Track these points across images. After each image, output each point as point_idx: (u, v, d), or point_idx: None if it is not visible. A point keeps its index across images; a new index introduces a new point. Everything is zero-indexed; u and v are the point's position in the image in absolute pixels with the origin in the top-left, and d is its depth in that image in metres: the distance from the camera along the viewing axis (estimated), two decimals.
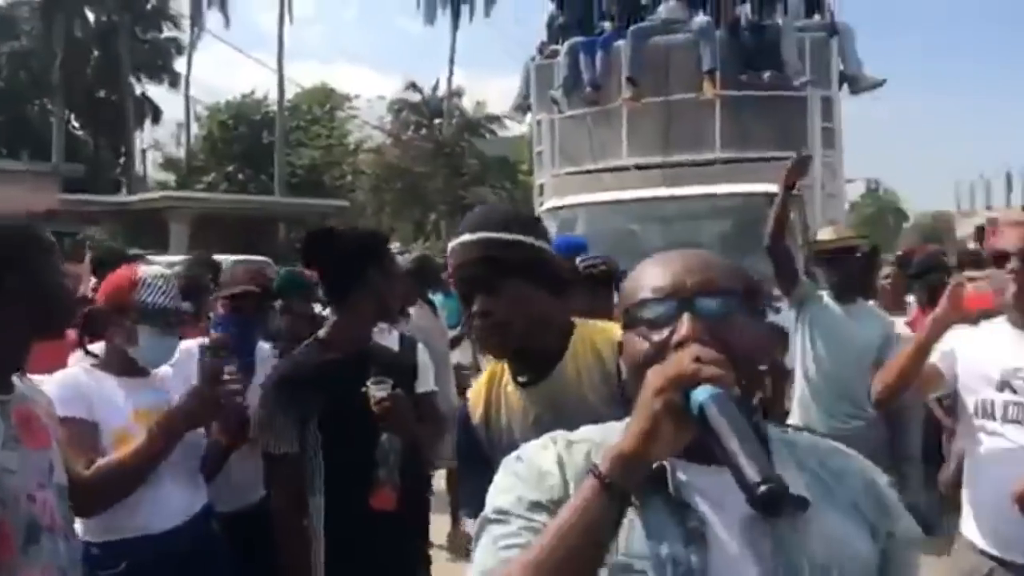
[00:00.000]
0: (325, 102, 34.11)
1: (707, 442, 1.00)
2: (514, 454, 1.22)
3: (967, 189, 32.56)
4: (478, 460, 1.83)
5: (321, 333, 2.55)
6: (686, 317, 1.12)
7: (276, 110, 29.82)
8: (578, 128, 7.84)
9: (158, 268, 2.58)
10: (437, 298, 5.73)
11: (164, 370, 2.54)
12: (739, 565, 1.07)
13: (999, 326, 2.48)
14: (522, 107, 8.49)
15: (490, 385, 1.87)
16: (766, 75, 7.50)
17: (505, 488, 1.17)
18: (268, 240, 21.69)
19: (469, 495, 1.88)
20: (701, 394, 1.00)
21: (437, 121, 35.65)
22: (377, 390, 2.29)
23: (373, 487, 2.33)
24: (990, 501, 2.40)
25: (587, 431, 1.23)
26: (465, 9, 36.38)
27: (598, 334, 1.77)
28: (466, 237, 1.77)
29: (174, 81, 35.24)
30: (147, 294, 2.43)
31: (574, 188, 7.46)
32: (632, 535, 1.07)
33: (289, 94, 31.85)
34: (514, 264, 1.73)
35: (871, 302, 4.45)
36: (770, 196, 4.71)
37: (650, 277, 1.19)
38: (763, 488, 0.94)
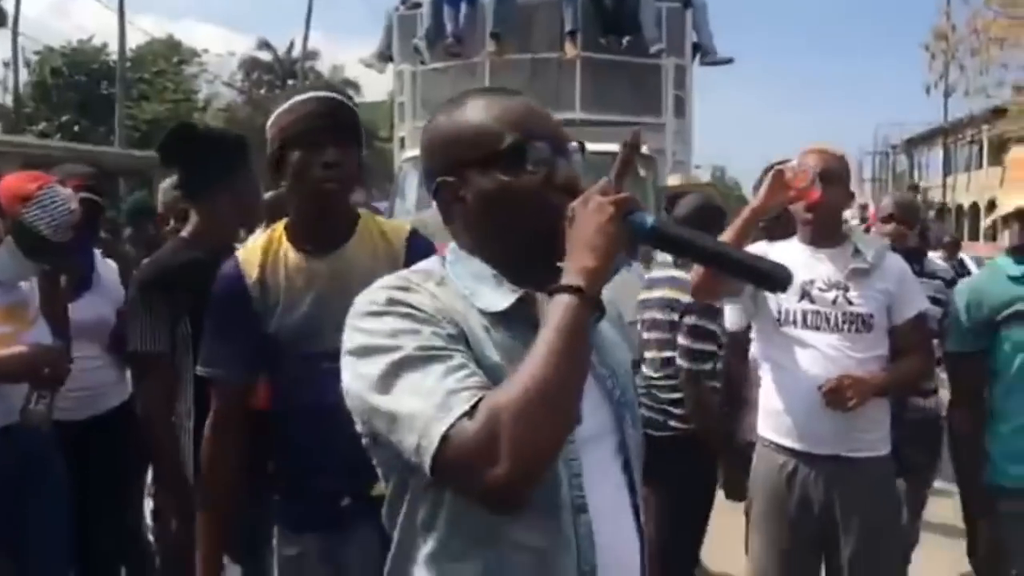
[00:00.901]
0: (172, 55, 32.41)
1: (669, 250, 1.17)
2: (383, 302, 1.19)
3: None
4: (241, 319, 1.89)
5: (184, 232, 2.47)
6: (562, 159, 1.23)
7: (117, 59, 28.06)
8: (440, 80, 7.82)
9: (68, 194, 2.42)
10: None
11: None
12: None
13: (793, 244, 2.74)
14: (384, 56, 8.38)
15: (267, 249, 1.93)
16: (625, 40, 7.73)
17: (408, 329, 1.15)
18: (107, 194, 20.46)
19: (215, 353, 1.95)
20: (648, 218, 1.16)
21: (291, 82, 34.59)
22: None
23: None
24: (792, 399, 2.62)
25: (406, 274, 1.27)
26: None
27: (383, 223, 2.02)
28: (325, 93, 1.88)
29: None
30: (34, 215, 2.31)
31: None
32: (504, 349, 1.18)
33: (132, 44, 30.05)
34: (359, 137, 1.89)
35: None
36: None
37: (507, 123, 1.23)
38: (784, 273, 1.14)
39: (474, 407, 1.06)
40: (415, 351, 1.12)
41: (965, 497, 2.70)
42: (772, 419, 2.70)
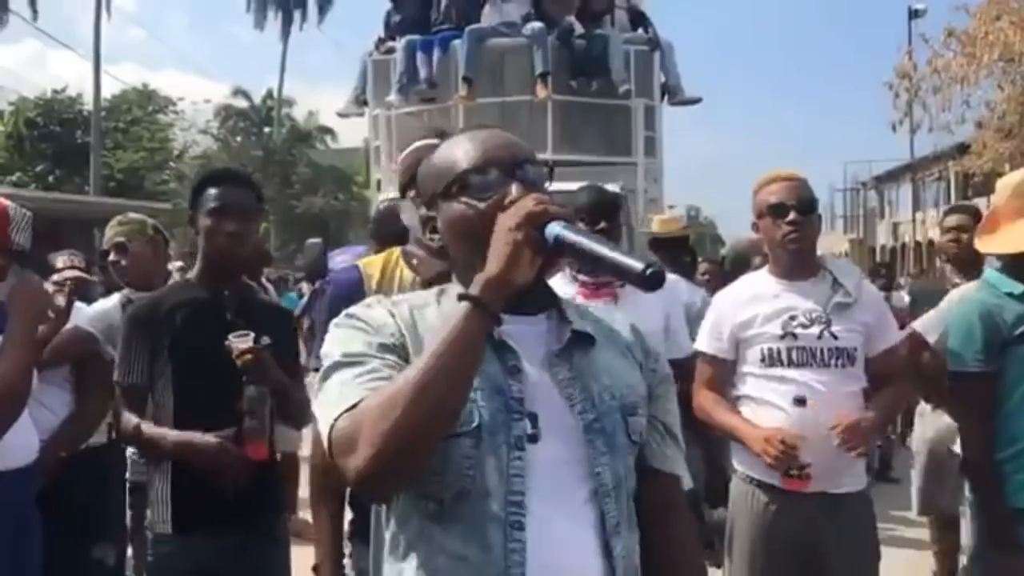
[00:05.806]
0: (146, 104, 32.44)
1: (573, 260, 1.21)
2: (342, 315, 1.33)
3: None
4: None
5: (191, 273, 2.58)
6: (515, 183, 1.28)
7: (92, 109, 28.04)
8: (414, 123, 7.93)
9: (12, 203, 2.49)
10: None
11: None
12: (547, 389, 1.28)
13: (765, 278, 2.69)
14: (359, 101, 8.50)
15: (386, 263, 2.08)
16: (594, 83, 7.90)
17: (348, 338, 1.27)
18: (83, 245, 20.30)
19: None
20: (554, 227, 1.18)
21: (267, 129, 34.74)
22: (239, 343, 2.28)
23: (245, 438, 2.31)
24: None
25: (403, 296, 1.39)
26: (297, 16, 35.82)
27: None
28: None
29: None
30: (18, 234, 2.41)
31: None
32: None
33: (107, 94, 30.08)
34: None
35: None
36: None
37: (466, 154, 1.32)
38: (649, 270, 1.14)
39: (358, 403, 1.17)
40: (341, 357, 1.25)
41: (989, 523, 2.57)
42: (753, 456, 2.57)
